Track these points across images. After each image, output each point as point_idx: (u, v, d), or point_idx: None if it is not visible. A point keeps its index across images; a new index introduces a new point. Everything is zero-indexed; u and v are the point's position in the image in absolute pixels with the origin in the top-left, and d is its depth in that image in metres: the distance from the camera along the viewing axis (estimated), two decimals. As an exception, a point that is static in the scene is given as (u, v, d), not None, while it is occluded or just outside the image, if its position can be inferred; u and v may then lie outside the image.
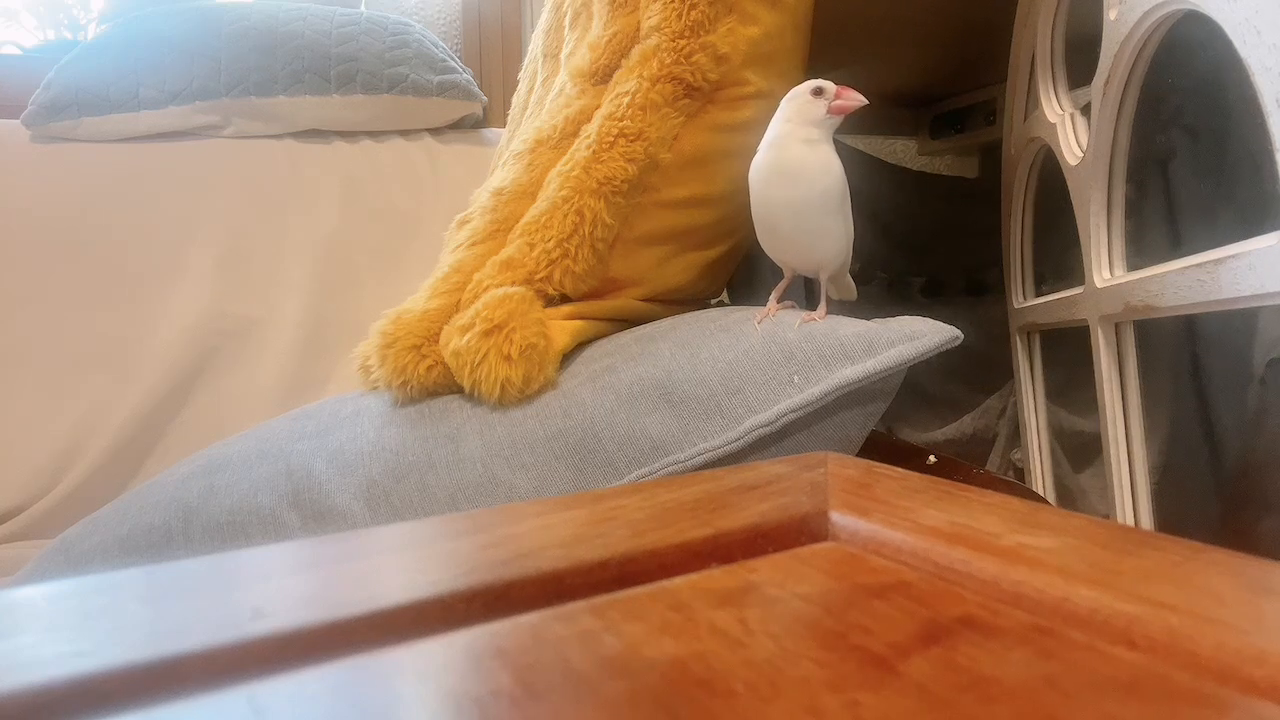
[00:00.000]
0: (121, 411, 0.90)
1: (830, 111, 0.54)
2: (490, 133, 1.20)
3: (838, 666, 0.16)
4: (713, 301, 0.75)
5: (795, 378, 0.50)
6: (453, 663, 0.17)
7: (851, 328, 0.52)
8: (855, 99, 0.54)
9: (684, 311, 0.63)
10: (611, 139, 0.60)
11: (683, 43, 0.61)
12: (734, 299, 0.85)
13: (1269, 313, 0.70)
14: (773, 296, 0.57)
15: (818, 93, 0.54)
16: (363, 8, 1.27)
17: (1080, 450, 0.89)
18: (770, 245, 0.58)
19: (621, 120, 0.61)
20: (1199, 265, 0.55)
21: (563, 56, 0.74)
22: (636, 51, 0.63)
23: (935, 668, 0.16)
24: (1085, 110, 0.72)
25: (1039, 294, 0.87)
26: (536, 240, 0.60)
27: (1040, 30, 0.80)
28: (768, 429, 0.50)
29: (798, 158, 0.55)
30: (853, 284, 0.63)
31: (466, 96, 1.14)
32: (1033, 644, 0.17)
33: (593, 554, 0.22)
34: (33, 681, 0.16)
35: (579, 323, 0.60)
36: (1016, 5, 0.83)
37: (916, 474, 0.28)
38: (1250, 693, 0.15)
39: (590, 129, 0.63)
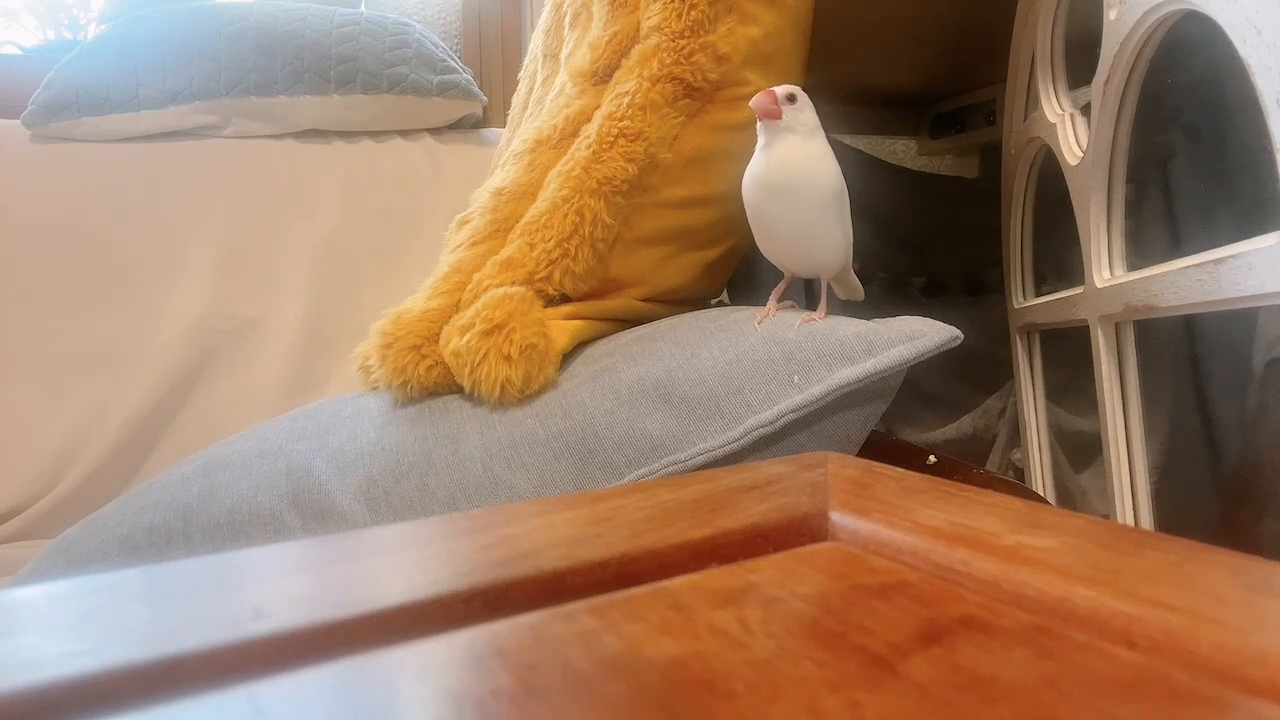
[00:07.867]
0: (121, 411, 0.90)
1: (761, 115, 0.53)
2: (490, 133, 1.20)
3: (838, 666, 0.16)
4: (713, 301, 0.75)
5: (795, 378, 0.50)
6: (453, 663, 0.17)
7: (851, 328, 0.52)
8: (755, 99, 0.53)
9: (684, 311, 0.63)
10: (611, 139, 0.60)
11: (683, 43, 0.61)
12: (734, 299, 0.85)
13: (1269, 313, 0.70)
14: (773, 296, 0.57)
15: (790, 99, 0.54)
16: (363, 8, 1.27)
17: (1080, 450, 0.89)
18: (769, 252, 0.58)
19: (621, 120, 0.61)
20: (1199, 265, 0.55)
21: (563, 56, 0.74)
22: (636, 51, 0.63)
23: (935, 668, 0.16)
24: (1085, 110, 0.72)
25: (1039, 294, 0.87)
26: (536, 240, 0.60)
27: (1040, 30, 0.80)
28: (768, 429, 0.50)
29: (788, 166, 0.54)
30: (858, 283, 0.63)
31: (466, 96, 1.14)
32: (1033, 644, 0.17)
33: (593, 554, 0.22)
34: (33, 681, 0.16)
35: (579, 323, 0.60)
36: (1016, 5, 0.83)
37: (916, 474, 0.28)
38: (1250, 693, 0.15)
39: (590, 129, 0.63)
